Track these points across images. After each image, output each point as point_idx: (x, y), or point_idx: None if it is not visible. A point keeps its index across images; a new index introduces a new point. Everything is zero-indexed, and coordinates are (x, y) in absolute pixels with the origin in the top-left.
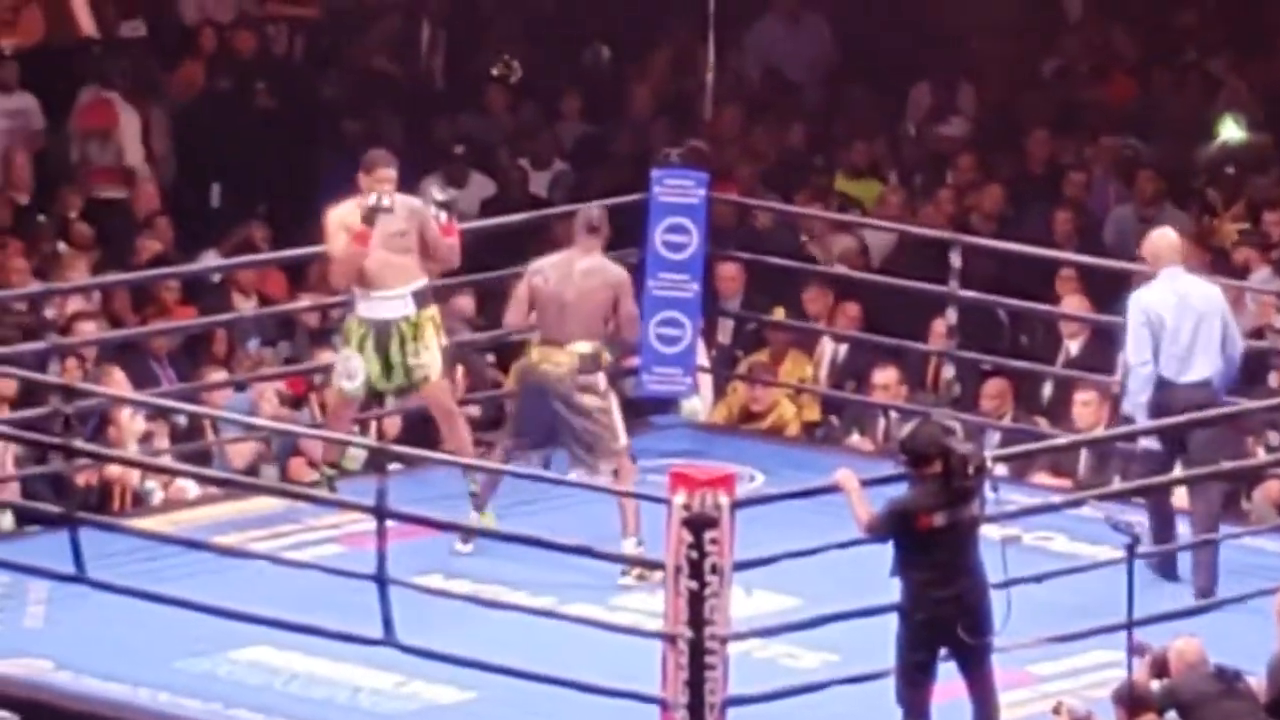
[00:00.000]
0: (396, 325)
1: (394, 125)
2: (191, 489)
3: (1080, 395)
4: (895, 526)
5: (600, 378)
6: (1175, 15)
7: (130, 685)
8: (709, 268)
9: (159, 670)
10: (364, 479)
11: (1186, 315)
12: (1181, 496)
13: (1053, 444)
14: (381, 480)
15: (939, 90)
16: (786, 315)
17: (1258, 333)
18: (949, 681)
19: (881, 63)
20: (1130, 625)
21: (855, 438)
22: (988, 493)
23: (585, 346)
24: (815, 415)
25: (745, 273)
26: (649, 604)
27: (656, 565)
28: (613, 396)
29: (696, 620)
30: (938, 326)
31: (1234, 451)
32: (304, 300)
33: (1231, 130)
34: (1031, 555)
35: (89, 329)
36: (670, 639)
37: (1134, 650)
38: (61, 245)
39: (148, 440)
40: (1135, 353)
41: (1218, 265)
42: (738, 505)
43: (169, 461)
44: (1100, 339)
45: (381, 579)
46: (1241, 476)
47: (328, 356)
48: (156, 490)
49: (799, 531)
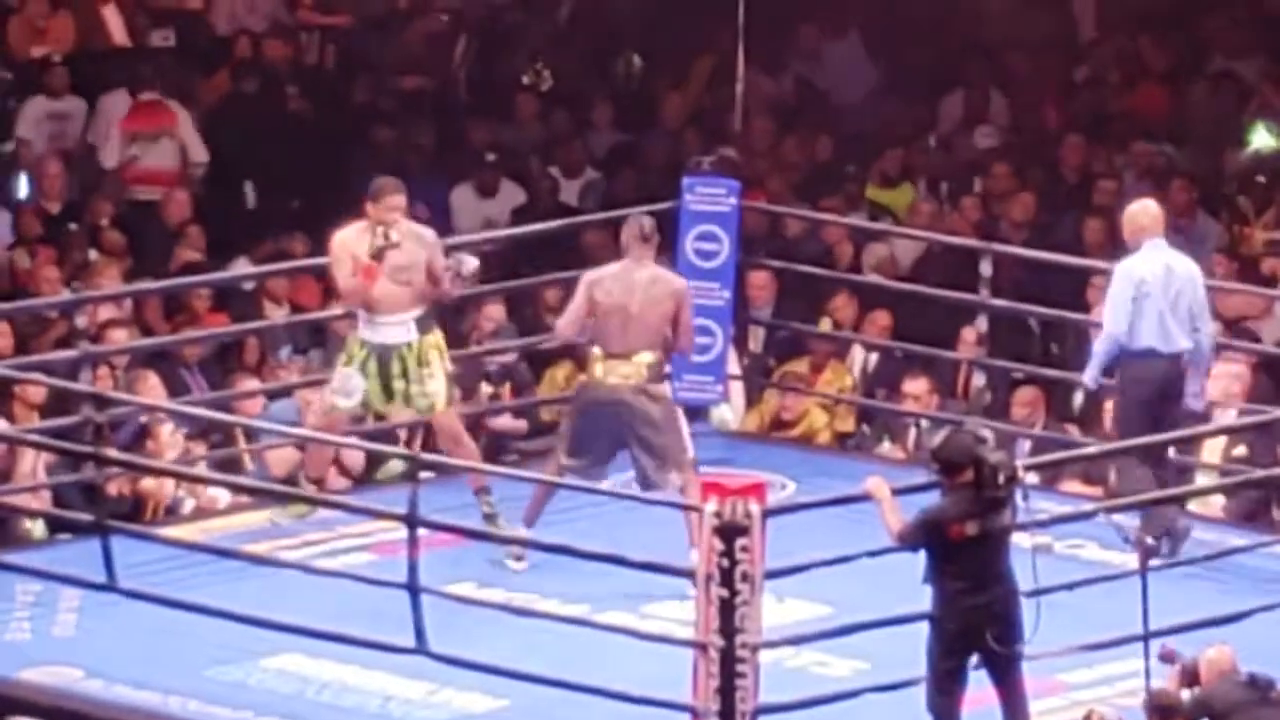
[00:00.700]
0: (398, 351)
1: (425, 133)
2: (223, 497)
3: (1111, 404)
4: (927, 536)
5: (667, 388)
6: (1205, 22)
7: (161, 694)
8: (740, 276)
9: (190, 678)
10: (397, 488)
11: (1172, 286)
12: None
13: (1084, 453)
14: (413, 489)
15: (971, 100)
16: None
17: None
18: (980, 690)
19: (914, 73)
20: (1146, 637)
21: (886, 446)
22: (1019, 501)
23: (649, 357)
24: (849, 426)
25: (776, 281)
26: (680, 612)
27: (687, 574)
28: (678, 408)
29: (728, 628)
30: (968, 335)
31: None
32: (336, 308)
33: (1263, 138)
34: (1063, 563)
35: (120, 337)
36: (701, 647)
37: (1164, 658)
38: (93, 253)
39: (187, 456)
40: (1117, 322)
41: (1247, 273)
42: (769, 513)
43: (200, 470)
44: None
45: (413, 587)
46: (1273, 486)
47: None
48: (188, 499)
49: (830, 540)
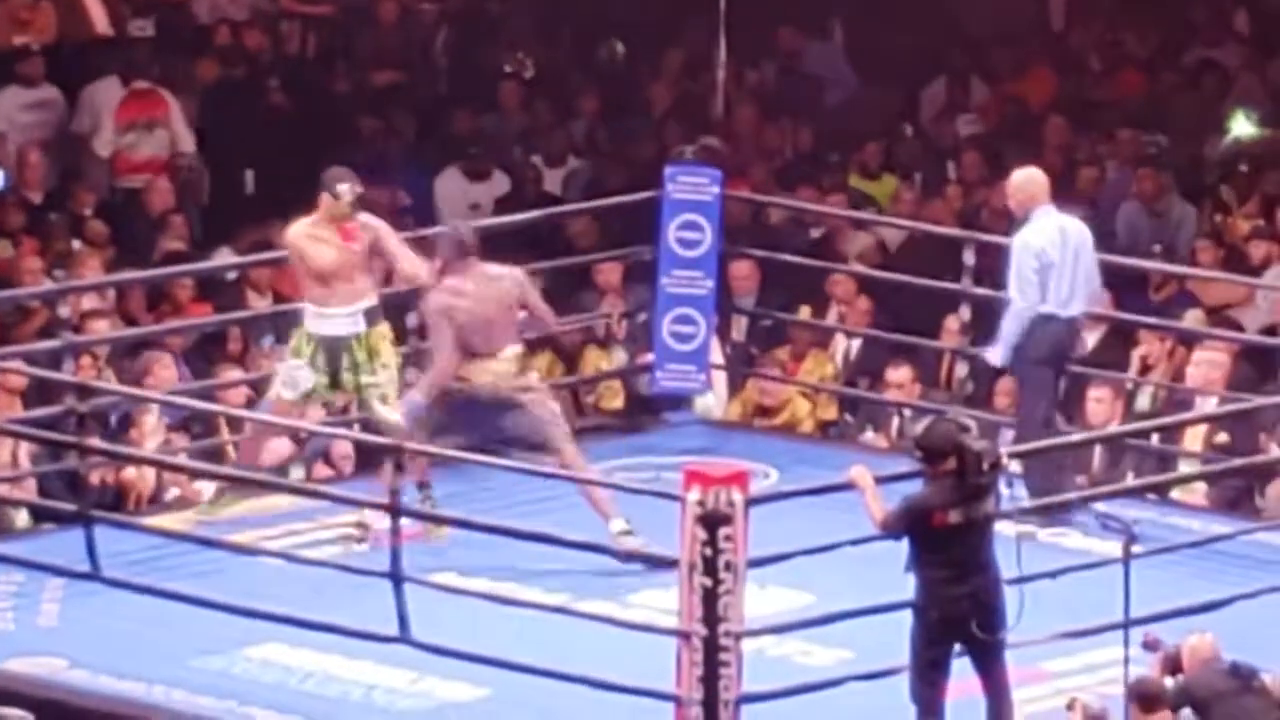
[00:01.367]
0: (347, 343)
1: (407, 122)
2: (208, 489)
3: (1093, 392)
4: (910, 524)
5: (534, 377)
6: (1186, 11)
7: (145, 683)
8: (723, 265)
9: (174, 668)
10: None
11: (1068, 250)
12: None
13: (1066, 440)
14: (396, 478)
15: (953, 88)
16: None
17: (1271, 329)
18: (963, 679)
19: (895, 62)
20: (1127, 624)
21: (869, 435)
22: (1003, 489)
23: (513, 350)
24: (832, 414)
25: (759, 270)
26: (663, 601)
27: (670, 562)
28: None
29: (710, 617)
30: (951, 324)
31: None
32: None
33: (1243, 126)
34: (1046, 551)
35: (102, 327)
36: (684, 636)
37: (1148, 646)
38: (76, 243)
39: (168, 447)
40: (1026, 295)
41: (1232, 261)
42: (752, 502)
43: (183, 460)
44: (1114, 336)
45: (396, 576)
46: (1255, 473)
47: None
48: (172, 489)
49: (813, 528)
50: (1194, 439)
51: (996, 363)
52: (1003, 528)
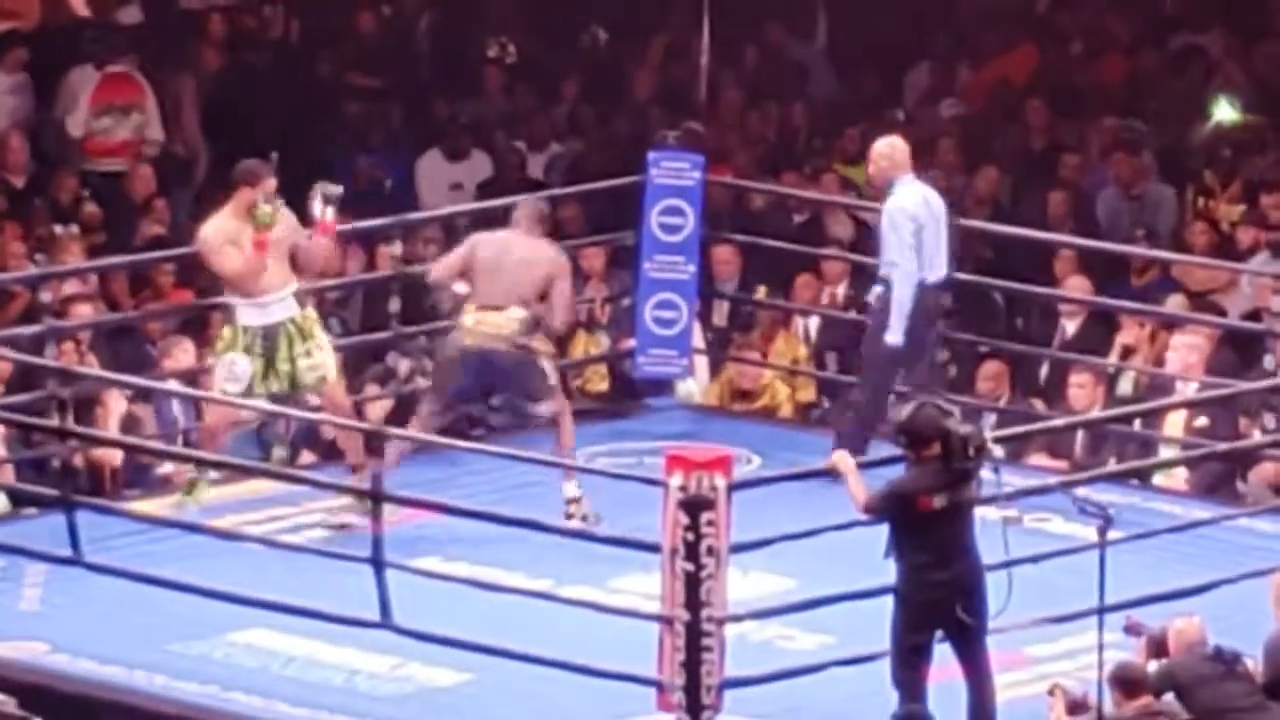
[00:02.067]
0: (284, 326)
1: (392, 105)
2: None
3: (1075, 378)
4: (895, 508)
5: (542, 341)
6: None
7: (126, 668)
8: (704, 250)
9: (155, 653)
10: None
11: (932, 217)
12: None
13: (1049, 425)
14: (377, 464)
15: (936, 72)
16: (775, 295)
17: (1254, 315)
18: (944, 664)
19: (879, 46)
20: (1101, 610)
21: None
22: (989, 474)
23: (520, 313)
24: (810, 395)
25: (740, 255)
26: (646, 586)
27: (653, 548)
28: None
29: (693, 602)
30: None
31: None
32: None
33: (1225, 111)
34: (1028, 536)
35: (85, 311)
36: (667, 621)
37: (1130, 630)
38: (59, 228)
39: (132, 421)
40: (912, 261)
41: (1220, 247)
42: (734, 487)
43: (163, 445)
44: (1097, 320)
45: (378, 561)
46: (1237, 458)
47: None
48: (166, 466)
49: (795, 513)
50: (1175, 424)
51: (898, 342)
52: (986, 513)
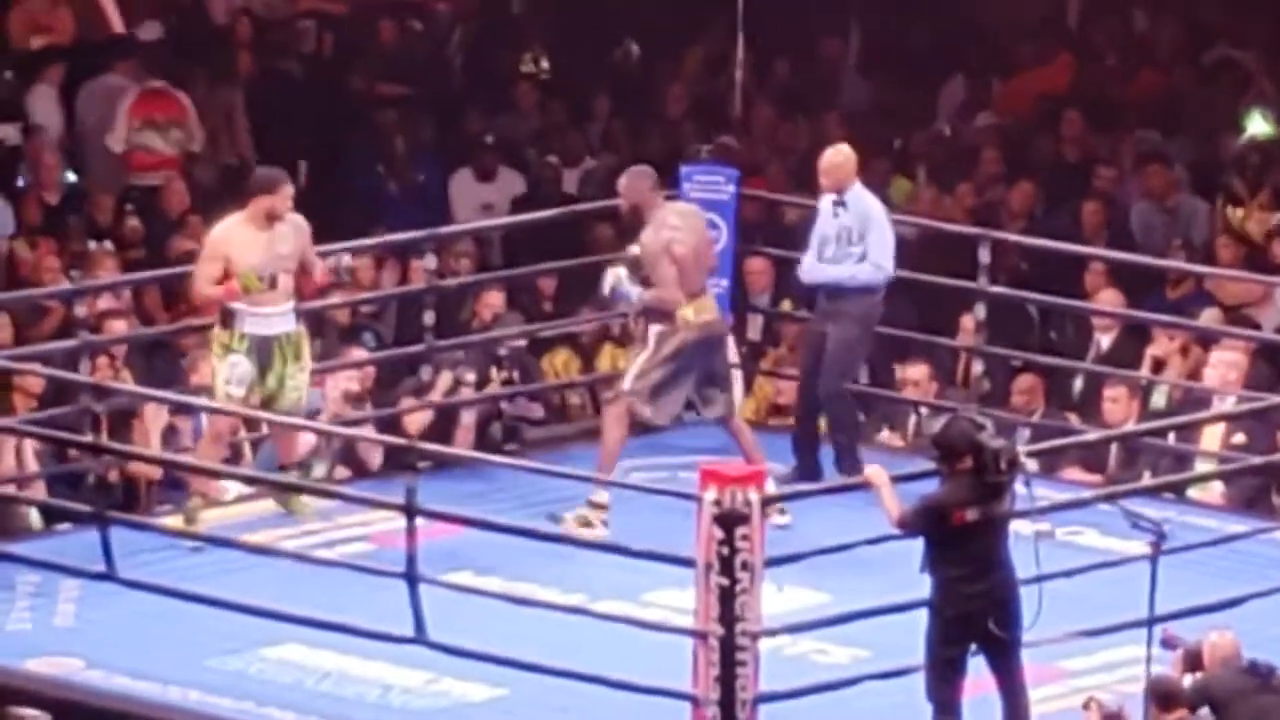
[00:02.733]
0: (278, 341)
1: (424, 120)
2: (232, 489)
3: (1109, 391)
4: (929, 522)
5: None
6: (1205, 11)
7: (161, 684)
8: (738, 264)
9: (190, 668)
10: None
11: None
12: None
13: (1083, 439)
14: (411, 478)
15: (972, 85)
16: (802, 307)
17: None
18: (979, 677)
19: (913, 59)
20: (1151, 622)
21: (885, 434)
22: (1021, 488)
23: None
24: None
25: (774, 268)
26: (680, 600)
27: (687, 562)
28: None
29: (727, 617)
30: (967, 322)
31: None
32: (335, 298)
33: (1259, 125)
34: (1062, 550)
35: (119, 327)
36: (701, 635)
37: (1166, 643)
38: (94, 243)
39: (172, 434)
40: (890, 259)
41: (1251, 259)
42: (768, 501)
43: (202, 462)
44: (1131, 334)
45: (412, 577)
46: (1272, 472)
47: (358, 353)
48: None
49: (829, 527)
50: (1211, 438)
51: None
52: (1020, 526)
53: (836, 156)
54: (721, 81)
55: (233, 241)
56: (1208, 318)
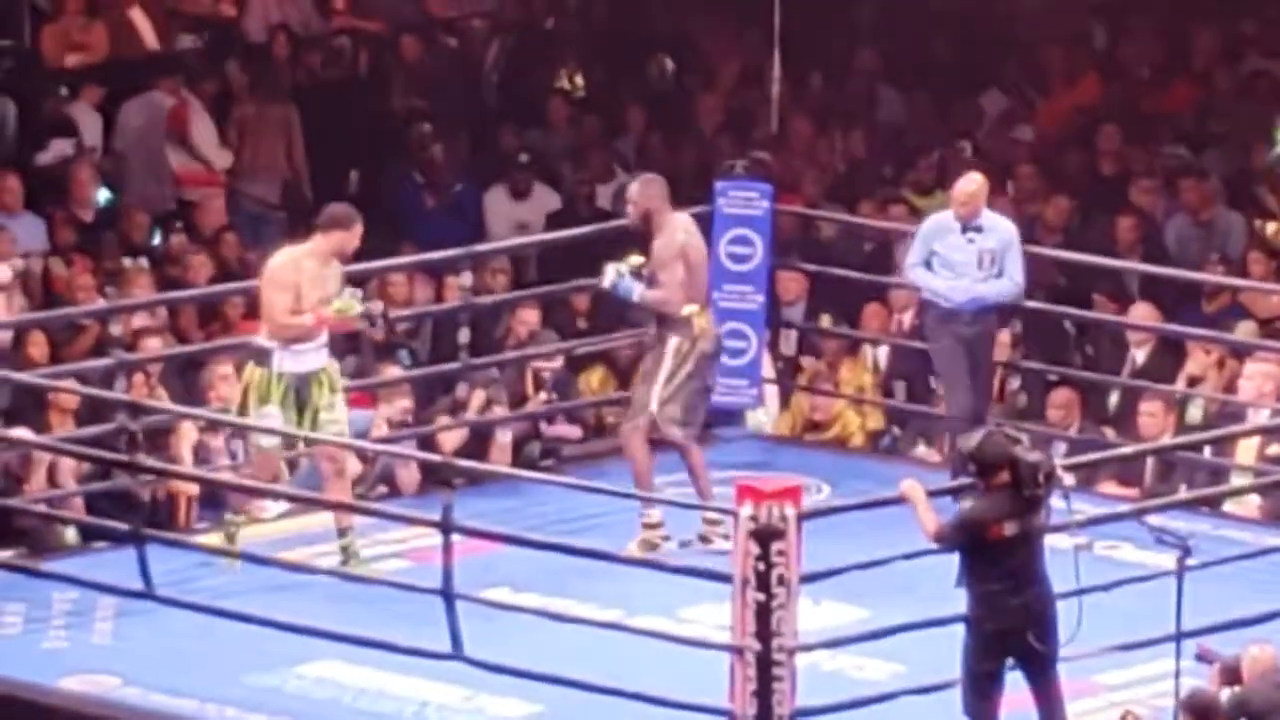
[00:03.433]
0: (315, 377)
1: (460, 137)
2: (272, 507)
3: (1145, 406)
4: (965, 536)
5: None
6: (1239, 23)
7: (198, 700)
8: (773, 279)
9: (227, 685)
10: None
11: None
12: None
13: (1119, 453)
14: (447, 495)
15: (1011, 98)
16: (839, 323)
17: None
18: (1016, 692)
19: (946, 74)
20: (1179, 636)
21: (921, 449)
22: (1059, 502)
23: None
24: (879, 422)
25: (808, 283)
26: (717, 616)
27: (724, 578)
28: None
29: (764, 632)
30: (1003, 337)
31: None
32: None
33: None
34: (1099, 564)
35: (154, 345)
36: (738, 651)
37: (1202, 657)
38: (128, 260)
39: (205, 451)
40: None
41: None
42: (804, 517)
43: (236, 479)
44: (1166, 348)
45: (448, 593)
46: None
47: (394, 371)
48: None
49: (866, 543)
50: (1246, 452)
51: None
52: (1057, 540)
53: (970, 185)
54: (754, 97)
55: (304, 272)
56: (1243, 331)
